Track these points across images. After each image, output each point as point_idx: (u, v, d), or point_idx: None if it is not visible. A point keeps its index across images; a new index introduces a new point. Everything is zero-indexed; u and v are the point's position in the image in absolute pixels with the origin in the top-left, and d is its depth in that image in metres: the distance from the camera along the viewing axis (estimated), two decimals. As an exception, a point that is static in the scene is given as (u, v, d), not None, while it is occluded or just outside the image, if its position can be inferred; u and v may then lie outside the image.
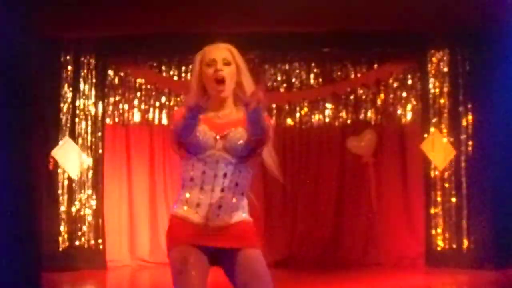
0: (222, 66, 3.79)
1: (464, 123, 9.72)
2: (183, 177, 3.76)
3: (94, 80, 10.21)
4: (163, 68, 10.82)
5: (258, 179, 10.22)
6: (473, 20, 9.03)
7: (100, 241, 10.04)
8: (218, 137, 3.71)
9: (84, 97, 10.15)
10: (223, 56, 3.84)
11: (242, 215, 3.74)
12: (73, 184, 9.96)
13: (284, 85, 10.85)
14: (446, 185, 9.84)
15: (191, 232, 3.68)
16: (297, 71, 10.84)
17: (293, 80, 10.84)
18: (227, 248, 3.67)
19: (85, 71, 10.17)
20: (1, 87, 6.84)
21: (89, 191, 10.05)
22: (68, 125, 10.00)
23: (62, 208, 9.90)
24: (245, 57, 3.89)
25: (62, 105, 10.02)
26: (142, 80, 10.78)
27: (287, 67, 10.85)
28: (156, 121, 10.78)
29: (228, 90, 3.79)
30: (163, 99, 10.79)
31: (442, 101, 9.95)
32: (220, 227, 3.67)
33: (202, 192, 3.69)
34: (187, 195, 3.72)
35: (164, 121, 10.74)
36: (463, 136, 9.71)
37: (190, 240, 3.67)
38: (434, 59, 10.05)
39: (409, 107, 10.64)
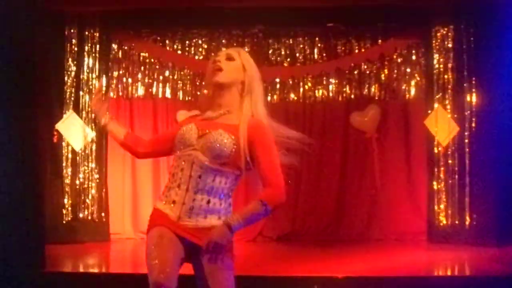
0: (223, 60, 3.82)
1: (468, 99, 9.67)
2: (168, 172, 3.84)
3: (98, 54, 10.22)
4: (167, 42, 10.85)
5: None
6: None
7: (103, 214, 10.10)
8: (199, 135, 3.72)
9: (88, 70, 10.15)
10: (227, 52, 3.88)
11: (218, 220, 3.68)
12: (77, 157, 9.99)
13: (288, 59, 10.84)
14: (450, 161, 9.83)
15: (168, 221, 3.70)
16: (301, 45, 10.83)
17: (297, 54, 10.82)
18: (200, 244, 3.63)
19: (89, 44, 10.17)
20: (5, 60, 6.84)
21: (93, 164, 10.09)
22: (72, 98, 10.01)
23: (66, 181, 9.94)
24: (249, 31, 3.89)
25: (66, 78, 10.03)
26: (146, 54, 10.80)
27: (291, 41, 10.84)
28: (160, 95, 10.80)
29: (224, 79, 3.79)
30: (167, 72, 10.81)
31: (446, 77, 9.92)
32: (190, 228, 3.66)
33: (178, 191, 3.70)
34: (168, 190, 3.76)
35: (168, 94, 10.78)
36: (467, 112, 9.66)
37: (168, 225, 3.69)
38: (438, 35, 10.00)
39: (413, 82, 10.63)
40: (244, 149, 3.66)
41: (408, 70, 10.65)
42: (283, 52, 10.83)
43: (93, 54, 10.20)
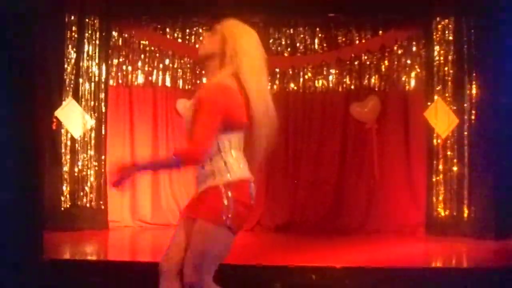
0: (207, 34, 3.98)
1: (468, 91, 9.65)
2: None
3: (98, 42, 10.18)
4: (167, 30, 10.83)
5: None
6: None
7: (102, 201, 10.09)
8: None
9: (88, 58, 10.12)
10: (214, 26, 3.95)
11: (209, 182, 3.77)
12: (76, 145, 9.97)
13: (288, 49, 10.82)
14: (449, 153, 9.83)
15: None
16: (302, 35, 10.81)
17: (297, 44, 10.81)
18: (185, 215, 3.92)
19: (89, 32, 10.13)
20: (5, 47, 6.82)
21: (92, 152, 10.07)
22: (72, 85, 9.98)
23: (65, 168, 9.93)
24: (249, 20, 3.87)
25: (65, 66, 9.99)
26: (146, 42, 10.79)
27: (291, 31, 10.82)
28: (160, 83, 10.80)
29: (201, 52, 3.92)
30: (167, 61, 10.80)
31: (446, 69, 9.90)
32: (195, 197, 3.88)
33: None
34: None
35: (168, 83, 10.77)
36: (467, 105, 9.64)
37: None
38: (439, 27, 9.97)
39: (413, 74, 10.62)
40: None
41: (409, 61, 10.64)
42: (283, 42, 10.81)
43: (93, 42, 10.16)
